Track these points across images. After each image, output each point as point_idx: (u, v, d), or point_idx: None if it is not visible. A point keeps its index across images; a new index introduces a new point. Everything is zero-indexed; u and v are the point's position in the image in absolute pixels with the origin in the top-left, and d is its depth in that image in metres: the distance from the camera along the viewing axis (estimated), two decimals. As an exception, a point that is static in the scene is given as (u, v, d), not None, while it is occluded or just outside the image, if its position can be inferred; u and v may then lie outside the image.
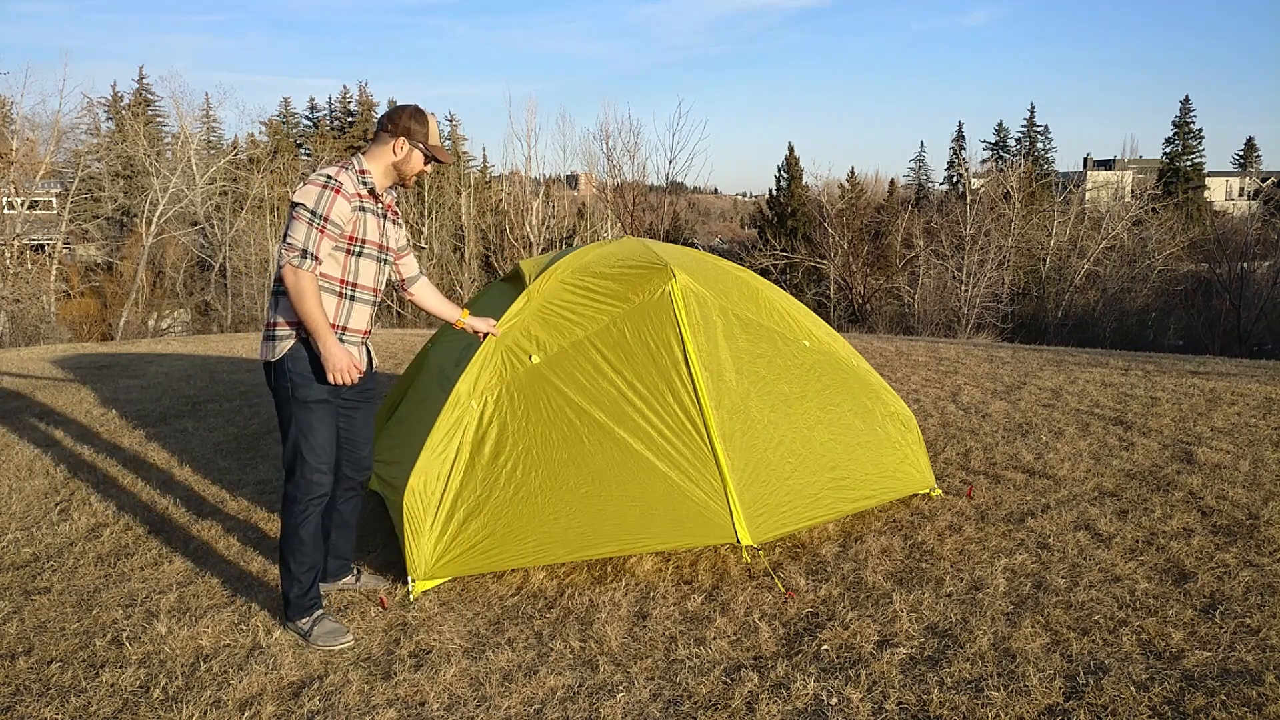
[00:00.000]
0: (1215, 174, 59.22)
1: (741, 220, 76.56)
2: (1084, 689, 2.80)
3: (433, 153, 3.30)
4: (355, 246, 3.21)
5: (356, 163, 3.23)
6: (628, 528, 3.63)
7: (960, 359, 8.95)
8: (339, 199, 3.11)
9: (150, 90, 45.97)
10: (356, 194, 3.18)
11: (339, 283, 3.22)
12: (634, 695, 2.87)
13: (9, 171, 25.29)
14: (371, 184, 3.23)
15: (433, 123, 3.29)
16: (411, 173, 3.30)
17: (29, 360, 10.05)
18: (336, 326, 3.22)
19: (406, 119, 3.24)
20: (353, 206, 3.16)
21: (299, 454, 3.21)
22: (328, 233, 3.10)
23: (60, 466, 5.45)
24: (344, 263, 3.21)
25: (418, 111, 3.28)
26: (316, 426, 3.21)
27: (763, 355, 4.18)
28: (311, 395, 3.19)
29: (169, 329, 29.15)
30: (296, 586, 3.25)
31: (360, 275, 3.26)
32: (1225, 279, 26.79)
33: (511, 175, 33.48)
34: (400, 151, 3.25)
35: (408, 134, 3.24)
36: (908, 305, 29.83)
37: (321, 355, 3.11)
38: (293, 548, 3.24)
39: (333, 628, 3.22)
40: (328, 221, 3.09)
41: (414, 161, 3.28)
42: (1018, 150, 57.34)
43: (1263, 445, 5.39)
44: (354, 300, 3.26)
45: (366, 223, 3.22)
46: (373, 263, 3.29)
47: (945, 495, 4.65)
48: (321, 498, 3.26)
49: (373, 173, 3.24)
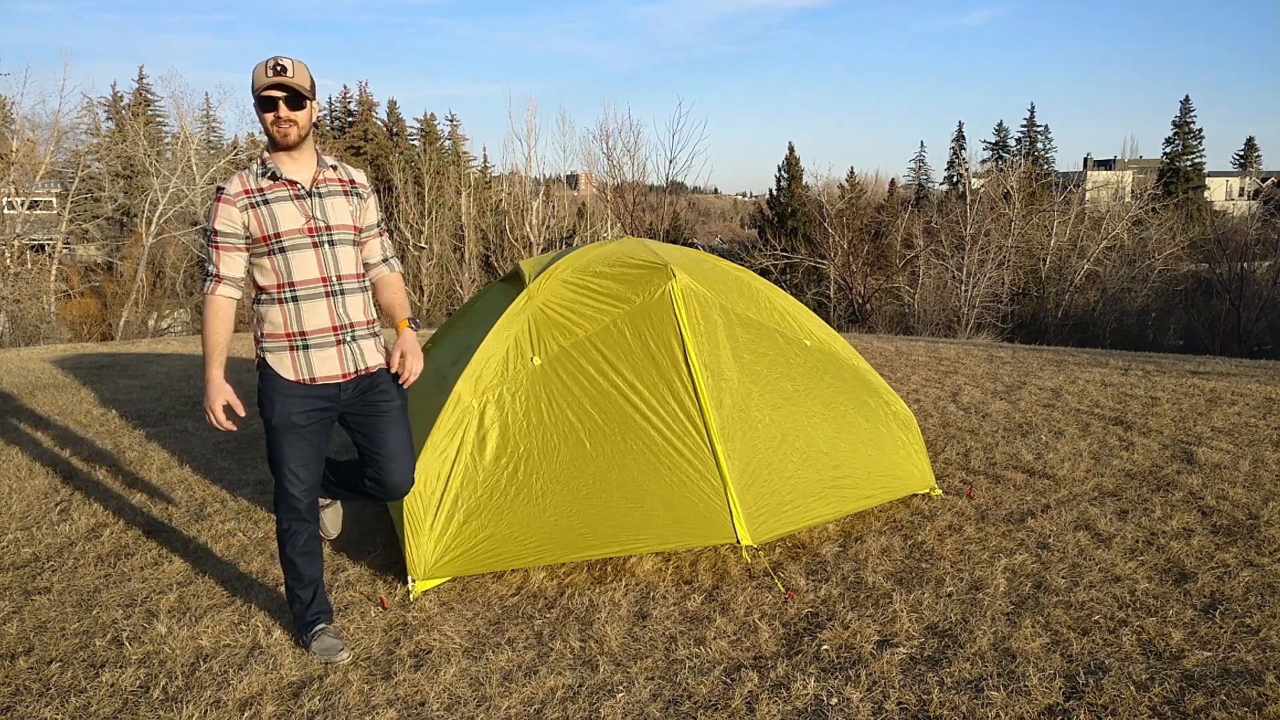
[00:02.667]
0: (1215, 174, 59.20)
1: (741, 220, 76.55)
2: (1084, 689, 2.80)
3: (256, 94, 2.82)
4: (273, 243, 2.87)
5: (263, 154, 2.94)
6: (628, 528, 3.63)
7: (960, 359, 8.95)
8: (222, 206, 2.85)
9: (150, 90, 46.00)
10: (245, 190, 2.86)
11: (276, 288, 2.91)
12: (634, 695, 2.87)
13: (9, 171, 25.28)
14: (273, 168, 2.88)
15: (257, 69, 2.81)
16: (273, 130, 2.84)
17: (29, 360, 10.05)
18: (292, 334, 2.92)
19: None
20: (240, 205, 2.85)
21: (272, 471, 3.06)
22: (221, 245, 2.86)
23: (60, 466, 5.45)
24: (273, 265, 2.89)
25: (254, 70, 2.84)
26: (282, 448, 2.99)
27: (764, 354, 4.18)
28: (270, 416, 2.98)
29: (169, 329, 29.14)
30: (296, 603, 3.19)
31: (295, 271, 2.89)
32: (1225, 279, 26.78)
33: (511, 175, 33.52)
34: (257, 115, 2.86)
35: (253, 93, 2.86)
36: (908, 305, 29.83)
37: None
38: (284, 563, 3.14)
39: (330, 643, 3.13)
40: (217, 234, 2.86)
41: (264, 121, 2.85)
42: (1018, 150, 57.32)
43: (1263, 445, 5.38)
44: (297, 300, 2.91)
45: (273, 213, 2.86)
46: (308, 251, 2.90)
47: (945, 495, 4.65)
48: (299, 520, 3.05)
49: (272, 155, 2.90)
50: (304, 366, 2.95)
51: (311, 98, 2.88)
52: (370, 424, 3.08)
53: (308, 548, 3.12)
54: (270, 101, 2.81)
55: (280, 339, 2.95)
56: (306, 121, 2.88)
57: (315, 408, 2.99)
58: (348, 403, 3.05)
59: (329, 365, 2.97)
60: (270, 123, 2.83)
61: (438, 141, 49.91)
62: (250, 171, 2.92)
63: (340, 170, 3.04)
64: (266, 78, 2.78)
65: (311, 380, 2.96)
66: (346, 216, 2.98)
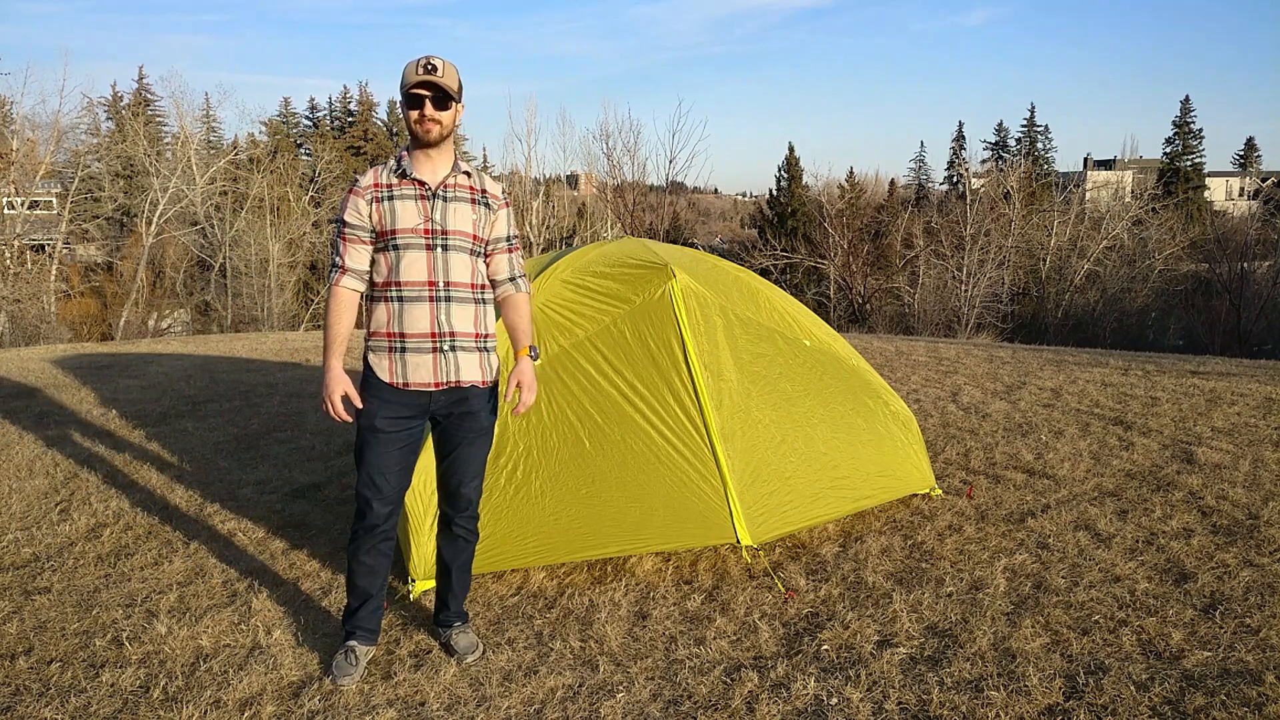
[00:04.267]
0: (1215, 174, 59.22)
1: (741, 220, 76.57)
2: (1084, 689, 2.80)
3: (404, 91, 2.85)
4: (389, 240, 2.88)
5: (401, 152, 2.98)
6: (628, 528, 3.63)
7: (960, 359, 8.95)
8: (352, 198, 2.89)
9: (150, 90, 45.97)
10: (375, 184, 2.89)
11: (384, 286, 2.91)
12: (634, 695, 2.87)
13: (9, 171, 25.27)
14: (406, 165, 2.91)
15: (408, 67, 2.86)
16: (415, 128, 2.88)
17: (29, 360, 10.05)
18: (393, 335, 2.89)
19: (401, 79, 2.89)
20: (368, 198, 2.88)
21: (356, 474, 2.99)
22: (348, 236, 2.90)
23: (60, 466, 5.46)
24: (386, 262, 2.90)
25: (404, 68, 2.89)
26: (364, 450, 2.94)
27: (763, 355, 4.18)
28: (361, 417, 2.94)
29: (169, 329, 29.15)
30: (346, 608, 3.12)
31: (404, 271, 2.87)
32: (1225, 279, 26.78)
33: (511, 175, 33.51)
34: (401, 112, 2.92)
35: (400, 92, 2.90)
36: (908, 305, 29.82)
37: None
38: (347, 565, 3.08)
39: (342, 663, 3.01)
40: (345, 225, 2.90)
41: (409, 117, 2.89)
42: (1018, 150, 57.34)
43: (1263, 445, 5.39)
44: (402, 301, 2.88)
45: (394, 210, 2.87)
46: (419, 252, 2.88)
47: (945, 495, 4.65)
48: (371, 527, 2.97)
49: (410, 154, 2.94)
50: (399, 370, 2.90)
51: (458, 100, 2.90)
52: (453, 438, 3.04)
53: (369, 560, 3.02)
54: (417, 99, 2.83)
55: (382, 338, 2.92)
56: (450, 122, 2.90)
57: (402, 415, 2.94)
58: (437, 411, 3.00)
59: (423, 372, 2.91)
60: (414, 120, 2.85)
61: (438, 141, 49.80)
62: (385, 167, 2.94)
63: (475, 178, 3.01)
64: (416, 75, 2.81)
65: (405, 385, 2.91)
66: (468, 224, 2.94)
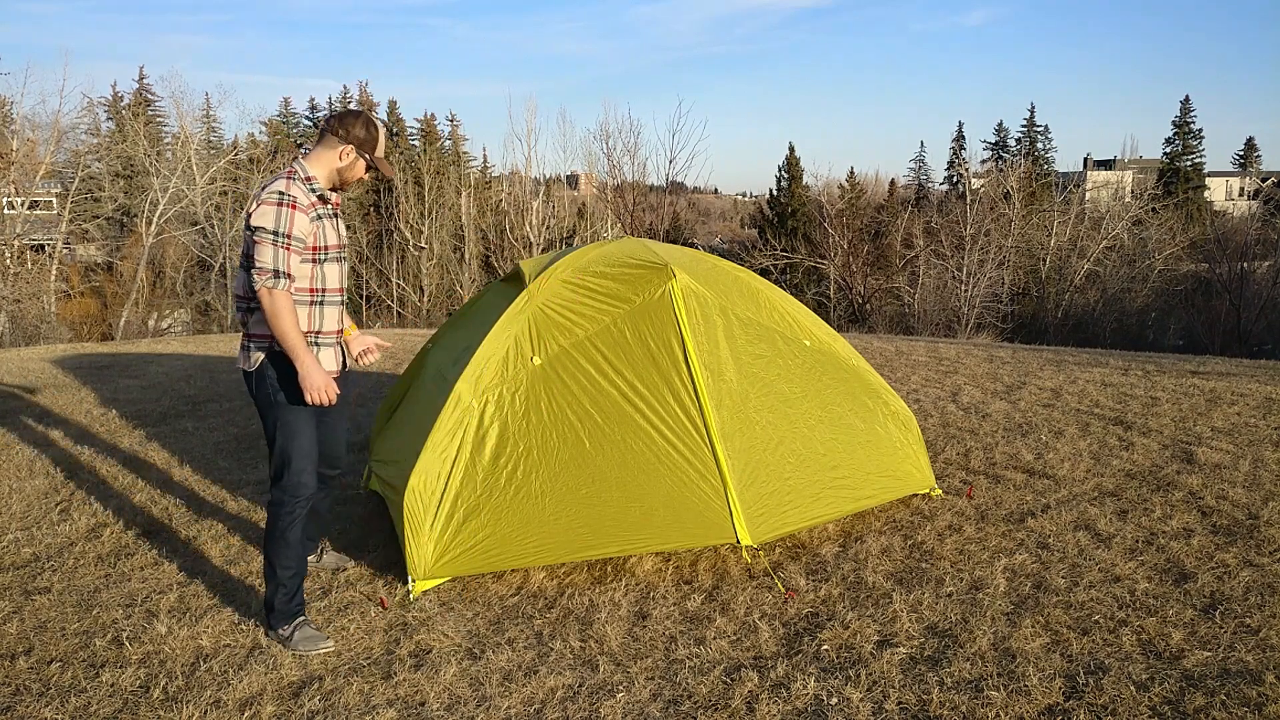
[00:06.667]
0: (1215, 174, 59.19)
1: (741, 220, 76.55)
2: (1084, 689, 2.80)
3: (378, 165, 3.29)
4: (320, 255, 3.22)
5: (300, 169, 3.20)
6: (628, 528, 3.63)
7: (960, 359, 8.95)
8: (297, 214, 3.09)
9: (150, 90, 45.88)
10: (311, 204, 3.16)
11: (309, 292, 3.23)
12: (634, 695, 2.87)
13: (9, 171, 25.26)
14: (320, 189, 3.22)
15: (382, 133, 3.28)
16: (352, 180, 3.29)
17: (29, 360, 10.05)
18: (310, 332, 3.24)
19: (359, 128, 3.21)
20: (311, 217, 3.14)
21: (286, 457, 3.22)
22: (294, 249, 3.10)
23: (60, 466, 5.45)
24: (310, 272, 3.21)
25: (369, 121, 3.25)
26: (301, 428, 3.23)
27: (763, 355, 4.18)
28: (293, 396, 3.20)
29: (169, 329, 29.14)
30: (281, 592, 3.24)
31: (327, 280, 3.27)
32: (1225, 279, 26.78)
33: (511, 175, 33.53)
34: (346, 159, 3.23)
35: (358, 144, 3.22)
36: (908, 305, 29.82)
37: (299, 376, 3.10)
38: (278, 551, 3.23)
39: (313, 634, 3.22)
40: (290, 239, 3.08)
41: (357, 170, 3.27)
42: (1018, 150, 57.26)
43: (1263, 445, 5.39)
44: (324, 305, 3.29)
45: (325, 230, 3.22)
46: (335, 264, 3.29)
47: (945, 495, 4.65)
48: (308, 499, 3.27)
49: (318, 177, 3.23)
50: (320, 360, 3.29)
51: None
52: (328, 414, 3.47)
53: (305, 534, 3.38)
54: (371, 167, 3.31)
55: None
56: None
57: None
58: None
59: (330, 362, 3.35)
60: (361, 176, 3.33)
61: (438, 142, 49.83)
62: (301, 186, 3.17)
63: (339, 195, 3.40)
64: (384, 154, 3.36)
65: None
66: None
